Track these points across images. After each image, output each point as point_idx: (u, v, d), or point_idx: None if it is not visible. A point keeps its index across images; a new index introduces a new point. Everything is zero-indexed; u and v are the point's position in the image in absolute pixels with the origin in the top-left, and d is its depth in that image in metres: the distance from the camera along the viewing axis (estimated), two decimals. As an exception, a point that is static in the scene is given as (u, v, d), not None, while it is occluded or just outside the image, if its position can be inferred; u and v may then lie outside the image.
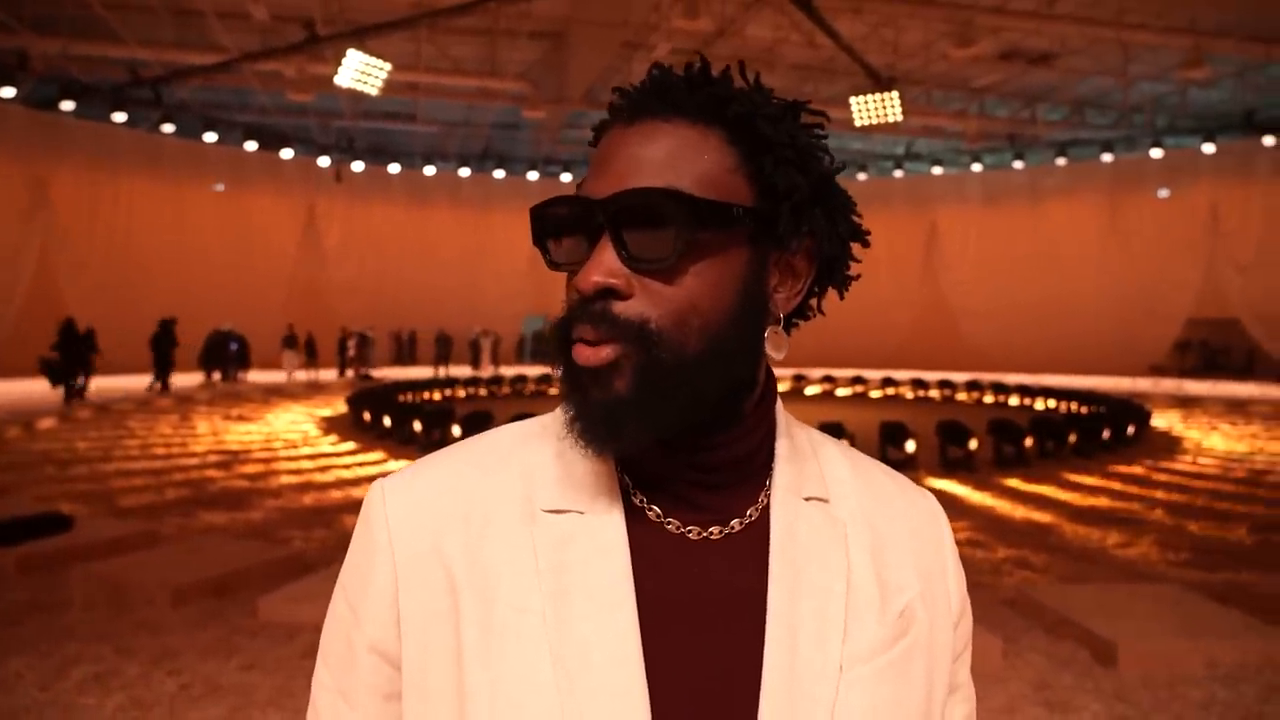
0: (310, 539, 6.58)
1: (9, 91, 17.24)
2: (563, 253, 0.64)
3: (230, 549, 5.92)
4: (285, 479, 9.16)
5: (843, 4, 14.78)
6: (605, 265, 0.60)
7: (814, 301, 0.71)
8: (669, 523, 0.65)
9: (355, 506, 7.33)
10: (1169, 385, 21.67)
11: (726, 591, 0.64)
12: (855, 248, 0.70)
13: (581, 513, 0.65)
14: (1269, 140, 20.55)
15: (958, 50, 15.65)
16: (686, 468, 0.65)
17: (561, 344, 0.62)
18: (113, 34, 16.61)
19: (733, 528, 0.66)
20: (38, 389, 15.73)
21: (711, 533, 0.65)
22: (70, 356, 15.34)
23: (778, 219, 0.63)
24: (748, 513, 0.66)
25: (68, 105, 18.83)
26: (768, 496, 0.67)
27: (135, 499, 7.99)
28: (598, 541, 0.64)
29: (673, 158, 0.61)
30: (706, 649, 0.62)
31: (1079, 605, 4.73)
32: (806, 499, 0.68)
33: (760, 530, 0.66)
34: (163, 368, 18.06)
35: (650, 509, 0.65)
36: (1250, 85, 20.37)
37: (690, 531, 0.65)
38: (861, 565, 0.67)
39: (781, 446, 0.70)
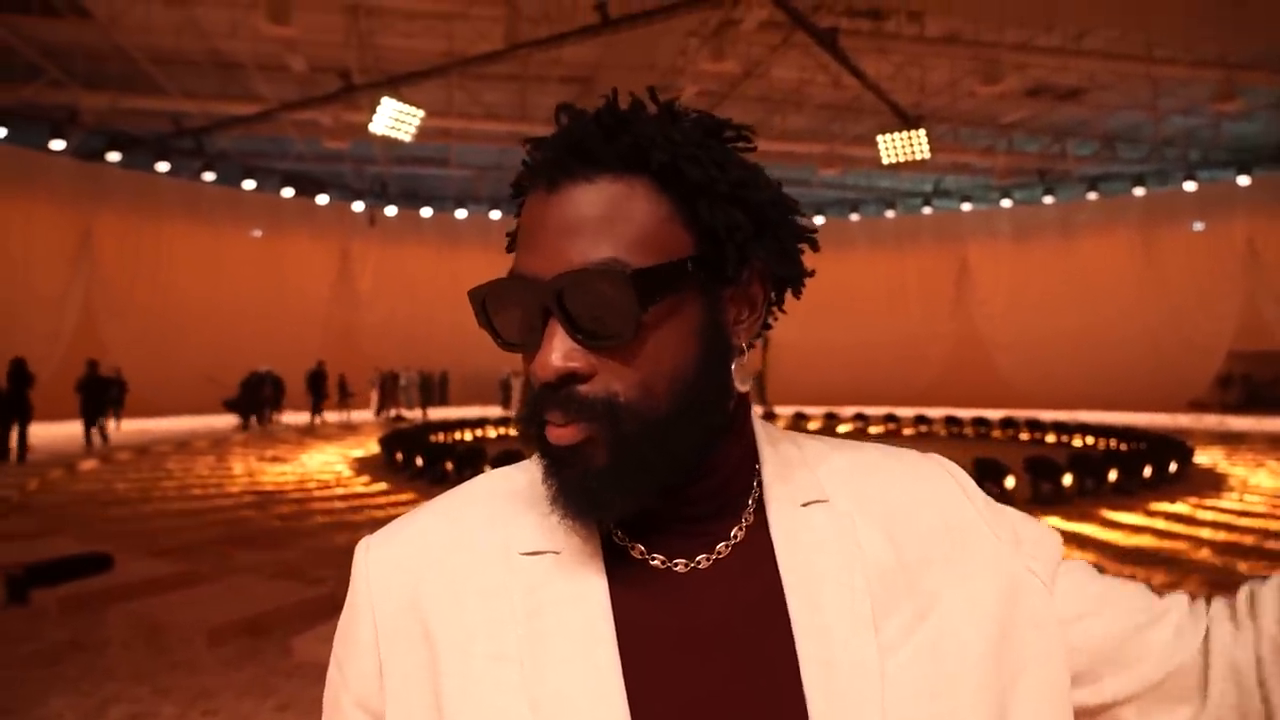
0: (344, 579, 6.54)
1: (59, 144, 17.87)
2: (513, 333, 0.62)
3: (265, 588, 5.98)
4: (319, 519, 9.23)
5: (868, 44, 14.90)
6: (560, 350, 0.58)
7: (774, 310, 0.69)
8: (653, 559, 0.64)
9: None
10: (1211, 421, 21.16)
11: (725, 616, 0.61)
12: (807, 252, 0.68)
13: (558, 553, 0.63)
14: (1306, 172, 20.31)
15: (984, 87, 15.69)
16: (665, 506, 0.63)
17: (534, 425, 0.61)
18: (158, 87, 17.22)
19: (719, 553, 0.64)
20: (79, 431, 16.03)
21: (699, 562, 0.64)
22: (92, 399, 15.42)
23: (725, 260, 0.61)
24: (732, 534, 0.65)
25: (114, 156, 19.45)
26: (751, 515, 0.65)
27: (173, 539, 8.08)
28: (575, 581, 0.62)
29: (606, 223, 0.58)
30: (706, 680, 0.59)
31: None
32: (804, 505, 0.66)
33: (753, 548, 0.64)
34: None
35: (634, 547, 0.64)
36: (1284, 117, 20.17)
37: (677, 565, 0.63)
38: (876, 552, 0.64)
39: (766, 459, 0.68)
